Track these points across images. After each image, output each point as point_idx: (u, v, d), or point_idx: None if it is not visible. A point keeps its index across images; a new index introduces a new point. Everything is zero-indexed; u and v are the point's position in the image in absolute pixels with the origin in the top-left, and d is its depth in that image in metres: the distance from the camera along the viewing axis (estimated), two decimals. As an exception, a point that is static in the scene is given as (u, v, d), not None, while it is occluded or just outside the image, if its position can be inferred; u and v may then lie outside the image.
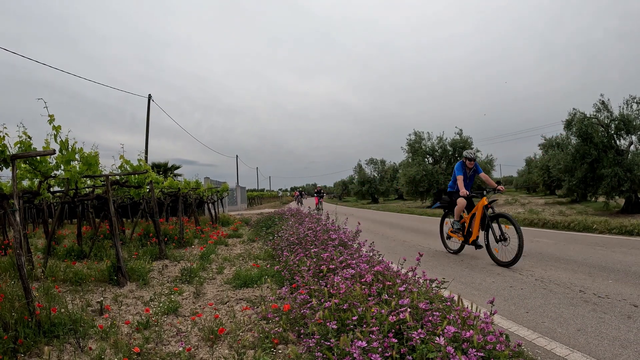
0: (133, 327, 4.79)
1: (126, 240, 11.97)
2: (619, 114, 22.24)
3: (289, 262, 6.32)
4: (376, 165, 68.25)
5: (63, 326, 4.49)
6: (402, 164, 42.49)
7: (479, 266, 7.94)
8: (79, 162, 7.66)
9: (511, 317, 4.91)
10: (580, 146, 23.01)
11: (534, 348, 3.92)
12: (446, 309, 3.43)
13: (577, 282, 6.38)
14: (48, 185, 8.22)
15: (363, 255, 5.63)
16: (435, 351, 2.76)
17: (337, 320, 3.49)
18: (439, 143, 39.53)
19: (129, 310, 5.66)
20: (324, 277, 4.88)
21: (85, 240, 11.30)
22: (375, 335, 3.03)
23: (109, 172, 8.56)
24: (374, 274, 4.46)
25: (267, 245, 10.81)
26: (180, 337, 4.47)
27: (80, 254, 9.64)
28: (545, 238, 11.63)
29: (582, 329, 4.36)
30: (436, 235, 13.39)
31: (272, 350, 3.83)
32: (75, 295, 6.24)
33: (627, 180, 20.84)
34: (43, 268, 7.33)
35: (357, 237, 7.31)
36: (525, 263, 7.97)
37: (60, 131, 6.84)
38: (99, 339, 4.45)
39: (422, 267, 4.57)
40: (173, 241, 11.86)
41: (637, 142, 22.26)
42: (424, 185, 37.08)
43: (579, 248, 9.57)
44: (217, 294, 6.38)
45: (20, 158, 5.46)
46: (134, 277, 7.29)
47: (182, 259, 9.52)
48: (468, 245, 9.37)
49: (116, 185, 9.28)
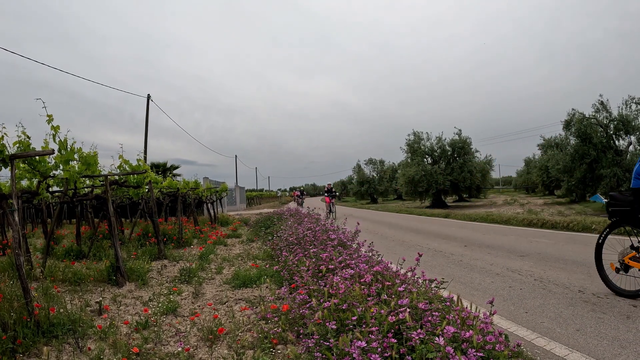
0: (132, 327, 4.78)
1: (125, 240, 11.95)
2: (618, 115, 22.29)
3: (288, 262, 6.31)
4: (375, 165, 68.19)
5: (62, 326, 4.48)
6: (401, 164, 42.52)
7: (478, 266, 7.94)
8: (77, 162, 7.65)
9: (510, 317, 4.91)
10: (579, 146, 23.05)
11: (533, 348, 3.93)
12: (445, 309, 3.43)
13: (576, 282, 6.38)
14: (47, 185, 8.20)
15: (362, 255, 5.63)
16: (434, 351, 2.75)
17: (336, 320, 3.49)
18: (438, 143, 39.54)
19: (128, 310, 5.65)
20: (323, 277, 4.87)
21: (84, 240, 11.29)
22: (374, 335, 3.02)
23: (108, 172, 8.55)
24: (373, 274, 4.46)
25: (266, 245, 10.82)
26: (179, 337, 4.46)
27: (79, 254, 9.63)
28: (545, 238, 11.63)
29: (581, 329, 4.37)
30: (435, 236, 13.39)
31: (271, 351, 3.83)
32: (74, 296, 6.23)
33: (626, 181, 20.86)
34: (42, 268, 7.32)
35: (356, 237, 7.30)
36: (524, 263, 7.97)
37: (59, 131, 6.83)
38: (97, 339, 4.44)
39: (421, 267, 4.56)
40: (172, 241, 11.85)
41: (636, 142, 22.32)
42: (423, 185, 37.07)
43: (578, 248, 9.57)
44: (216, 294, 6.38)
45: (19, 158, 5.45)
46: (133, 277, 7.28)
47: (181, 259, 9.51)
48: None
49: (115, 185, 9.27)
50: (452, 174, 37.24)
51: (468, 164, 37.52)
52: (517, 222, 16.44)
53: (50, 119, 6.51)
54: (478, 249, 10.10)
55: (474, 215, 20.32)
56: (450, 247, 10.62)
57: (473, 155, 38.83)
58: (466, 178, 37.14)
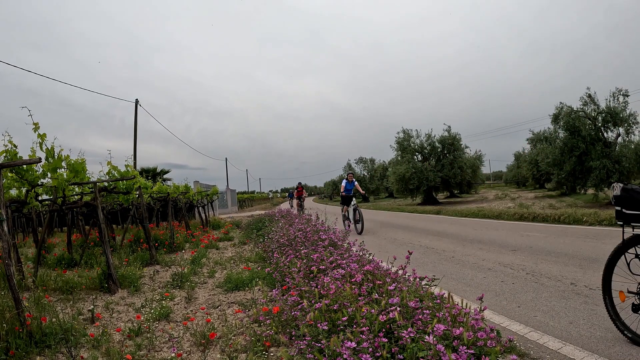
0: (125, 335, 4.76)
1: (117, 246, 11.88)
2: (606, 107, 22.43)
3: (279, 263, 6.31)
4: (366, 164, 68.29)
5: (54, 336, 4.46)
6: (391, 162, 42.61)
7: (469, 262, 7.96)
8: (65, 169, 7.61)
9: (503, 312, 4.93)
10: (568, 139, 23.17)
11: (526, 342, 3.94)
12: (436, 306, 3.44)
13: (569, 275, 6.41)
14: (35, 194, 8.15)
15: (353, 254, 5.64)
16: (425, 350, 2.76)
17: (327, 321, 3.49)
18: (427, 140, 39.61)
19: (120, 317, 5.63)
20: (315, 278, 4.87)
21: (75, 248, 11.21)
22: (365, 335, 3.03)
23: (97, 179, 8.51)
24: (364, 273, 4.46)
25: (258, 247, 10.79)
26: (172, 342, 4.45)
27: (70, 262, 9.57)
28: (536, 232, 11.69)
29: (574, 322, 4.39)
30: (427, 233, 13.42)
31: (264, 353, 3.83)
32: (66, 304, 6.19)
33: (616, 172, 21.02)
34: (33, 277, 7.27)
35: (347, 237, 7.31)
36: (516, 257, 8.01)
37: (46, 139, 6.80)
38: (90, 347, 4.42)
39: (413, 265, 4.57)
40: (164, 246, 11.80)
41: (625, 134, 22.45)
42: (414, 182, 37.13)
43: (570, 241, 9.63)
44: (208, 298, 6.37)
45: (6, 167, 5.41)
46: (125, 284, 7.25)
47: (173, 264, 9.48)
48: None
49: (104, 191, 9.23)
50: (442, 171, 37.34)
51: (458, 160, 37.64)
52: (508, 216, 16.51)
53: (36, 127, 6.47)
54: (470, 245, 10.14)
55: (466, 211, 20.40)
56: (442, 244, 10.65)
57: (463, 151, 38.95)
58: (457, 174, 37.26)
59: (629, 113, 21.96)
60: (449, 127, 38.86)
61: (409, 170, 37.26)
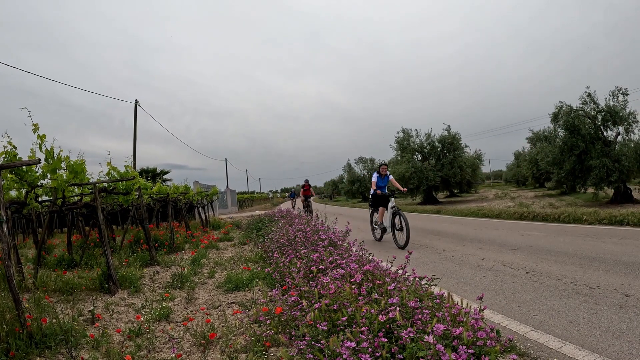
0: (125, 335, 4.76)
1: (117, 247, 11.88)
2: (605, 106, 22.40)
3: (279, 264, 6.31)
4: (365, 164, 68.16)
5: (54, 337, 4.46)
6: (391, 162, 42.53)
7: (469, 261, 7.96)
8: (65, 170, 7.61)
9: (503, 311, 4.93)
10: (567, 138, 23.14)
11: (526, 342, 3.94)
12: (436, 306, 3.44)
13: (568, 273, 6.42)
14: (35, 195, 8.15)
15: (353, 254, 5.63)
16: (425, 349, 2.76)
17: (327, 321, 3.49)
18: (427, 140, 39.57)
19: (120, 318, 5.63)
20: (314, 278, 4.87)
21: (75, 249, 11.21)
22: (365, 335, 3.03)
23: (97, 180, 8.51)
24: (364, 273, 4.46)
25: (257, 247, 10.79)
26: (172, 343, 4.45)
27: (70, 263, 9.57)
28: (536, 231, 11.69)
29: (574, 321, 4.39)
30: (427, 232, 13.41)
31: (264, 354, 3.83)
32: (66, 305, 6.19)
33: (616, 171, 20.99)
34: (34, 279, 7.27)
35: (346, 237, 7.30)
36: (516, 257, 8.01)
37: (45, 140, 6.80)
38: (90, 348, 4.42)
39: (413, 265, 4.58)
40: (164, 247, 11.79)
41: (624, 132, 22.42)
42: (414, 182, 37.08)
43: (570, 240, 9.63)
44: (208, 299, 6.36)
45: (6, 168, 5.41)
46: (125, 285, 7.24)
47: (173, 265, 9.47)
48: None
49: (104, 192, 9.22)
50: (442, 170, 37.30)
51: (458, 160, 37.59)
52: (508, 215, 16.51)
53: (36, 128, 6.47)
54: (470, 244, 10.14)
55: (465, 210, 20.39)
56: (441, 243, 10.64)
57: (463, 150, 38.90)
58: (456, 173, 37.21)
59: (629, 112, 21.93)
60: (449, 127, 38.87)
61: (408, 170, 37.21)
